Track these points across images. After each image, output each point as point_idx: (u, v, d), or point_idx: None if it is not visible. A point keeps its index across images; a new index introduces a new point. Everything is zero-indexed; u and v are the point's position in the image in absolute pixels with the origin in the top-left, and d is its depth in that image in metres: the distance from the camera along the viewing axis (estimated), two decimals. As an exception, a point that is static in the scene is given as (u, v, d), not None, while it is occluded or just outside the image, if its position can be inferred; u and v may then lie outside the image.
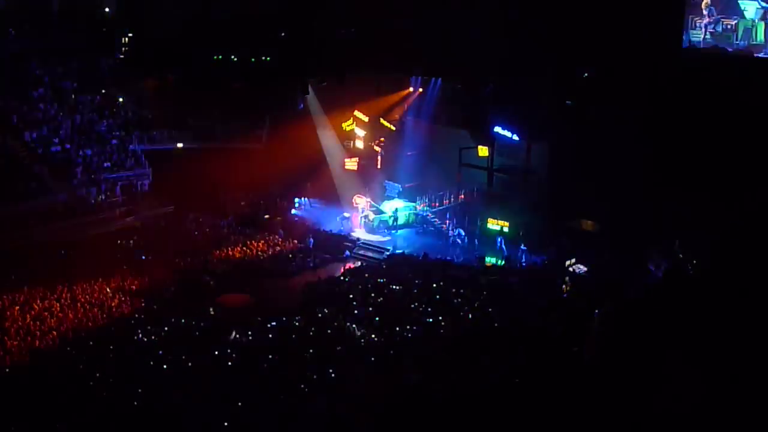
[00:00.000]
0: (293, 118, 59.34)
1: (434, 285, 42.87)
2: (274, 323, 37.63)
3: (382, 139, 57.81)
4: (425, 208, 54.31)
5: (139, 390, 30.70)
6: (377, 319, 37.90)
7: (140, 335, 35.82)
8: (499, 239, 49.40)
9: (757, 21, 42.51)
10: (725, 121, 41.66)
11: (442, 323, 37.52)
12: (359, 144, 58.72)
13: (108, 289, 41.12)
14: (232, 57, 59.94)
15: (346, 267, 47.39)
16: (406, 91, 57.98)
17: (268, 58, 59.19)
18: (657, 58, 44.18)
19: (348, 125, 58.48)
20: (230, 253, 47.71)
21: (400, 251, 49.16)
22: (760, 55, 42.44)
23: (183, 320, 37.53)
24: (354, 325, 37.24)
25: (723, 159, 41.60)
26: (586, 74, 48.55)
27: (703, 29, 44.20)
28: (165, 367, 32.79)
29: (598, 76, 47.58)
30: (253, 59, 59.36)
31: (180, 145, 59.08)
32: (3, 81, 57.57)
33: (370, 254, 49.61)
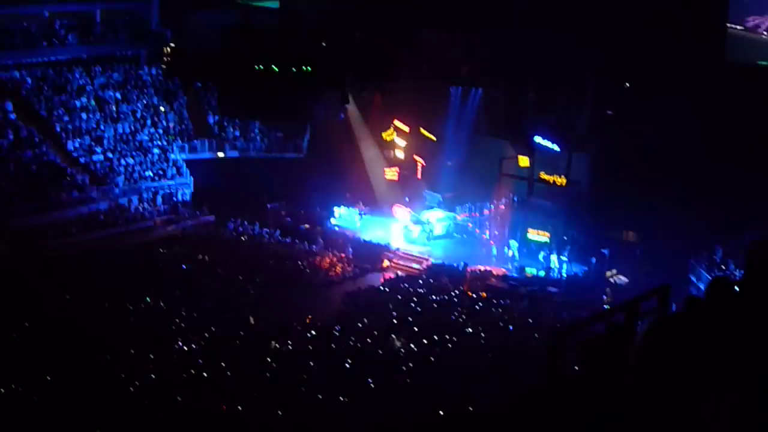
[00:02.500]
0: (334, 128, 59.41)
1: (474, 295, 42.78)
2: (313, 333, 37.66)
3: (421, 157, 57.66)
4: (465, 218, 54.17)
5: (179, 398, 30.79)
6: (416, 329, 37.81)
7: (180, 344, 35.95)
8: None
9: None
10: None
11: (482, 334, 37.39)
12: (399, 154, 58.68)
13: (148, 298, 41.31)
14: (274, 67, 60.12)
15: (386, 277, 47.29)
16: None
17: (309, 69, 59.36)
18: (699, 69, 43.94)
19: (388, 135, 58.46)
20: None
21: (440, 261, 49.01)
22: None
23: (223, 329, 37.63)
24: (393, 336, 37.16)
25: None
26: (627, 84, 48.38)
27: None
28: (205, 375, 32.88)
29: (640, 87, 47.38)
30: (294, 69, 59.52)
31: (221, 154, 59.30)
32: (47, 90, 58.11)
33: (409, 264, 49.50)
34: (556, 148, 50.04)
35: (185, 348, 35.66)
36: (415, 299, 42.00)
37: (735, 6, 44.80)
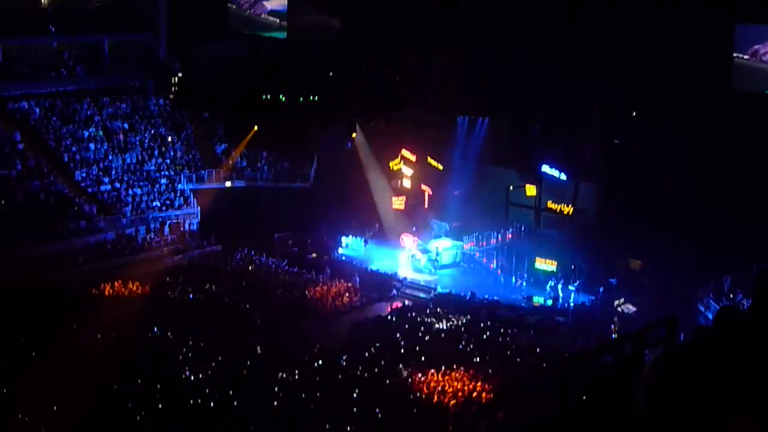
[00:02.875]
0: (341, 158, 59.52)
1: (481, 324, 42.71)
2: (320, 362, 37.60)
3: (429, 186, 57.78)
4: (472, 248, 54.17)
5: (187, 427, 30.75)
6: (423, 358, 37.74)
7: (188, 373, 35.92)
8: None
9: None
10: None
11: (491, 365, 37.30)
12: (407, 183, 58.75)
13: (156, 328, 41.29)
14: (281, 97, 60.28)
15: (393, 306, 47.25)
16: None
17: (316, 98, 59.50)
18: (706, 98, 43.97)
19: (395, 164, 58.55)
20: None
21: (447, 290, 48.96)
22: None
23: (230, 358, 37.60)
24: (401, 365, 37.09)
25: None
26: (634, 113, 48.43)
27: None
28: (212, 404, 32.83)
29: (647, 116, 47.43)
30: (301, 99, 59.68)
31: (228, 184, 59.41)
32: (55, 120, 58.31)
33: (417, 293, 49.46)
34: (563, 177, 50.08)
35: (192, 377, 35.62)
36: (422, 328, 41.96)
37: (740, 35, 44.84)
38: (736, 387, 3.85)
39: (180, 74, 64.94)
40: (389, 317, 44.64)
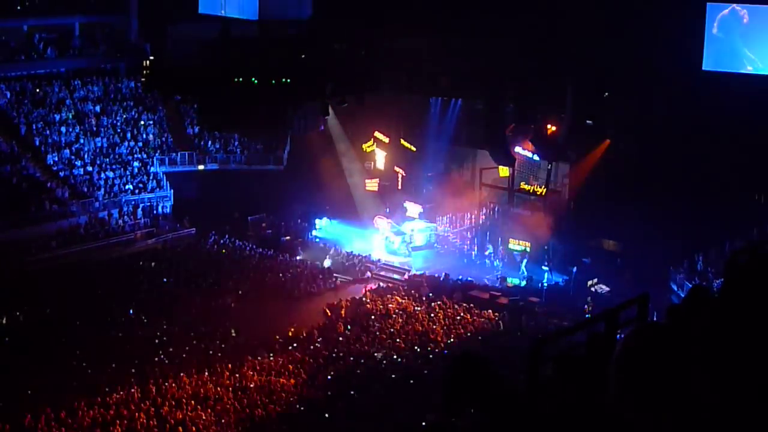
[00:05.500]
0: (314, 140, 59.38)
1: (455, 306, 42.81)
2: (295, 344, 37.64)
3: (402, 168, 57.71)
4: (446, 229, 54.22)
5: (162, 409, 30.76)
6: (398, 340, 37.83)
7: (162, 356, 35.90)
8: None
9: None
10: (746, 140, 41.57)
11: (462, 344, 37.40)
12: (380, 165, 58.70)
13: (131, 310, 41.21)
14: (253, 79, 60.02)
15: (367, 288, 47.27)
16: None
17: (289, 80, 59.27)
18: (677, 78, 44.10)
19: (368, 146, 58.46)
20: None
21: (421, 272, 49.03)
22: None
23: (205, 342, 37.61)
24: (374, 347, 37.17)
25: (746, 178, 41.54)
26: (606, 94, 48.51)
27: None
28: (188, 388, 32.83)
29: (619, 96, 47.55)
30: (273, 81, 59.42)
31: (201, 167, 59.19)
32: (26, 104, 57.89)
33: (391, 275, 49.51)
34: (535, 157, 50.17)
35: (167, 361, 35.61)
36: (397, 310, 42.02)
37: (712, 14, 44.94)
38: (705, 365, 3.89)
39: (152, 57, 64.55)
40: (363, 299, 44.66)
